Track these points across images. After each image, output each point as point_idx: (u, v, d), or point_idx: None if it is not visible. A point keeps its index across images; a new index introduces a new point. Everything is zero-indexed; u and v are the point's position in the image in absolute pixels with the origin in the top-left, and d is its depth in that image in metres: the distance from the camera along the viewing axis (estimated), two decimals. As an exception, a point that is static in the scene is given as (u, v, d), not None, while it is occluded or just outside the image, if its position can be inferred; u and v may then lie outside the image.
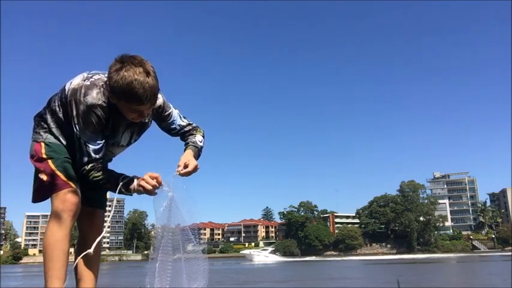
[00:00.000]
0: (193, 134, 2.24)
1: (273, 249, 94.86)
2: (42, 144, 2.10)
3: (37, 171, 2.08)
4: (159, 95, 2.08)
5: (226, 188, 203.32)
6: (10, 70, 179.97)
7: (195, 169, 2.07)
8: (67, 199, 1.99)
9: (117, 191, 2.00)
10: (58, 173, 2.02)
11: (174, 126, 2.23)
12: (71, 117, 1.98)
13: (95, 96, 1.95)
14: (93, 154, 1.99)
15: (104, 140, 2.04)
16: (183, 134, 2.26)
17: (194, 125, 2.29)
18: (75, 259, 2.21)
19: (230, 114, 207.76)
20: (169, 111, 2.20)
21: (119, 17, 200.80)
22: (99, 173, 2.01)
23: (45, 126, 2.14)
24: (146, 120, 2.15)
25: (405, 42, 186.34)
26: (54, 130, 2.12)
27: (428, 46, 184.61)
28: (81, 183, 2.07)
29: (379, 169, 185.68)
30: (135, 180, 1.98)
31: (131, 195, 2.01)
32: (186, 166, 2.04)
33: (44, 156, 2.06)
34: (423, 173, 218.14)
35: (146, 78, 1.84)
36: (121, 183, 1.98)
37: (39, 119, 2.18)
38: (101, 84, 1.99)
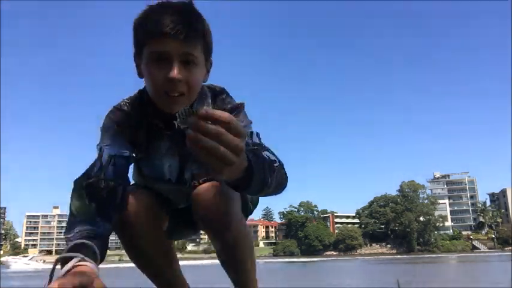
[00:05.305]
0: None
1: (34, 255, 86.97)
2: None
3: None
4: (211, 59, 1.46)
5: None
6: (9, 70, 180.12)
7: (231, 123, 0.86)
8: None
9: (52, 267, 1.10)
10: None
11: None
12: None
13: (116, 104, 1.51)
14: (100, 162, 1.36)
15: (128, 155, 1.42)
16: None
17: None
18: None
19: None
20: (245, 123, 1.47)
21: (119, 18, 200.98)
22: (77, 203, 1.26)
23: None
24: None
25: (404, 41, 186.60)
26: None
27: (428, 46, 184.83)
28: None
29: (379, 169, 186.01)
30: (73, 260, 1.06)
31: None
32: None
33: None
34: (423, 173, 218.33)
35: (174, 12, 1.26)
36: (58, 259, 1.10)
37: None
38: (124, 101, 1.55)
